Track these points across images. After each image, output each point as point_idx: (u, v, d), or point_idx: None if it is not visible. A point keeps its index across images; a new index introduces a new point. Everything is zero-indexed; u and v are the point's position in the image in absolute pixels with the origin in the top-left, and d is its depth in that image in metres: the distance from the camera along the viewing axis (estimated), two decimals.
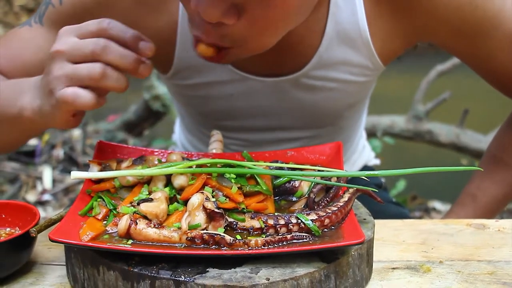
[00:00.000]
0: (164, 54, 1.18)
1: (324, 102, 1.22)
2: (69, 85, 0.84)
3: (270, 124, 1.29)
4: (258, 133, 1.31)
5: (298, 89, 1.19)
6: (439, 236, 1.00)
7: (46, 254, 0.95)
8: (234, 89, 1.21)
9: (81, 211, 0.86)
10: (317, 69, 1.16)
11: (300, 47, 1.14)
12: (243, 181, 0.88)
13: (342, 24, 1.13)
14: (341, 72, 1.18)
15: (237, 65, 1.17)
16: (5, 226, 0.94)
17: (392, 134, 3.60)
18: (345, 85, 1.20)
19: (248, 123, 1.29)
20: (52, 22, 1.14)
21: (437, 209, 3.53)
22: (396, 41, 1.16)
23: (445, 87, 3.71)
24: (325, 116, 1.27)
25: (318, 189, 0.90)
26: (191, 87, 1.24)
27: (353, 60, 1.17)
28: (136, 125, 4.09)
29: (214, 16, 0.84)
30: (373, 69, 1.19)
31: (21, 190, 3.45)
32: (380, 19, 1.13)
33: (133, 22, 1.12)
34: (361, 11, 1.12)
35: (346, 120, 1.33)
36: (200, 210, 0.80)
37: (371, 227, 0.86)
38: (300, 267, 0.75)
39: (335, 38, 1.14)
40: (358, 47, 1.15)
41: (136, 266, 0.75)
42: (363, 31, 1.13)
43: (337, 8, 1.11)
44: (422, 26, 1.12)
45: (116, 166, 0.95)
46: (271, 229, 0.80)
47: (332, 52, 1.15)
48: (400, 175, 0.83)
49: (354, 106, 1.30)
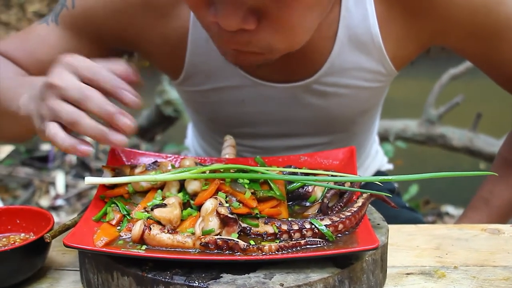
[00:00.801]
0: (174, 59, 1.19)
1: (336, 109, 1.22)
2: (53, 120, 0.84)
3: (282, 131, 1.28)
4: (270, 140, 1.31)
5: (310, 95, 1.19)
6: (453, 241, 0.99)
7: (60, 259, 0.95)
8: (246, 95, 1.20)
9: (95, 217, 0.86)
10: (329, 75, 1.16)
11: (312, 53, 1.13)
12: (257, 186, 0.88)
13: (354, 28, 1.12)
14: (353, 78, 1.17)
15: (249, 71, 1.17)
16: (20, 232, 0.95)
17: (404, 138, 3.59)
18: (358, 91, 1.19)
19: (259, 130, 1.29)
20: (66, 23, 1.17)
21: (450, 213, 3.51)
22: (408, 45, 1.15)
23: (458, 90, 3.70)
24: (337, 122, 1.26)
25: (332, 194, 0.90)
26: (202, 93, 1.24)
27: (366, 66, 1.16)
28: (148, 130, 4.10)
29: (234, 24, 0.83)
30: (386, 74, 1.19)
31: (34, 195, 3.47)
32: (392, 23, 1.12)
33: (142, 28, 1.14)
34: (373, 15, 1.11)
35: (359, 126, 1.33)
36: (213, 215, 0.80)
37: (385, 232, 0.86)
38: (314, 272, 0.75)
39: (346, 44, 1.13)
40: (370, 52, 1.14)
41: (150, 271, 0.75)
42: (375, 36, 1.12)
43: (348, 12, 1.11)
44: (435, 30, 1.11)
45: (130, 172, 0.96)
46: (285, 235, 0.80)
47: (344, 57, 1.14)
48: (412, 180, 0.83)
49: (367, 112, 1.29)
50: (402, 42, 1.14)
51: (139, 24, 1.15)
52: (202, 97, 1.25)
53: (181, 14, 1.14)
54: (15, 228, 0.95)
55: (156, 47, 1.18)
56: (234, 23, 0.83)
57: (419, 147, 3.73)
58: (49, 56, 1.16)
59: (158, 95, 3.93)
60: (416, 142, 3.60)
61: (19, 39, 1.22)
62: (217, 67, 1.17)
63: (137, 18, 1.14)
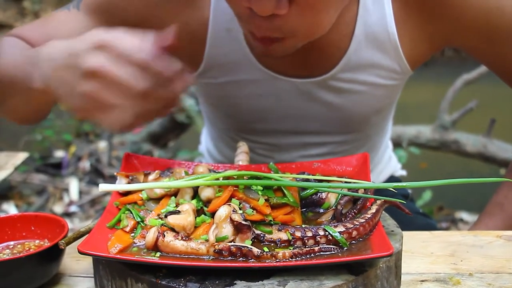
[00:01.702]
0: (194, 51, 1.20)
1: (351, 106, 1.23)
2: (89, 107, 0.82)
3: (297, 127, 1.29)
4: (285, 137, 1.31)
5: (326, 91, 1.20)
6: (468, 248, 0.98)
7: (75, 266, 0.96)
8: (263, 89, 1.22)
9: (109, 224, 0.86)
10: (346, 72, 1.17)
11: (329, 49, 1.15)
12: (270, 193, 0.88)
13: (371, 26, 1.14)
14: (369, 74, 1.18)
15: (267, 64, 1.18)
16: (34, 238, 0.95)
17: (417, 144, 3.57)
18: (373, 89, 1.20)
19: (275, 126, 1.30)
20: (88, 9, 1.19)
21: (464, 220, 3.49)
22: (423, 44, 1.16)
23: (472, 96, 3.67)
24: (352, 120, 1.27)
25: (346, 200, 0.90)
26: (219, 86, 1.25)
27: (381, 63, 1.17)
28: (161, 137, 4.11)
29: (268, 8, 0.88)
30: (400, 72, 1.20)
31: (48, 202, 3.49)
32: (409, 22, 1.13)
33: (164, 18, 1.16)
34: (390, 14, 1.13)
35: (373, 127, 1.33)
36: (227, 222, 0.80)
37: (399, 239, 0.86)
38: (328, 279, 0.75)
39: (363, 41, 1.15)
40: (386, 50, 1.16)
41: (164, 278, 0.75)
42: (392, 34, 1.14)
43: (366, 11, 1.13)
44: (449, 30, 1.12)
45: (144, 179, 0.96)
46: (299, 241, 0.80)
47: (361, 54, 1.16)
48: (427, 186, 0.82)
49: (381, 112, 1.30)
50: (417, 42, 1.16)
51: (162, 13, 1.16)
52: (219, 91, 1.26)
53: (202, 5, 1.16)
54: (30, 234, 0.96)
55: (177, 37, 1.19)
56: (268, 8, 0.88)
57: (433, 153, 3.71)
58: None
59: None
60: (430, 148, 3.58)
61: (37, 23, 1.22)
62: (236, 59, 1.18)
63: (159, 7, 1.16)
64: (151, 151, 3.84)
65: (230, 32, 1.16)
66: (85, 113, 0.83)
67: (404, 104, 1.41)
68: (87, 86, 0.80)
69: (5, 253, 0.92)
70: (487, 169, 3.75)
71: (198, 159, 1.62)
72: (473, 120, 3.66)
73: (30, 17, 7.88)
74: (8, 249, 0.93)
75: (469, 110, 3.49)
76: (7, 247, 0.94)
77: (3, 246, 0.94)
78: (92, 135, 4.43)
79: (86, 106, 0.82)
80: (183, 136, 4.23)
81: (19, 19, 7.85)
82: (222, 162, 1.40)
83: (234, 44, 1.17)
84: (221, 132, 1.43)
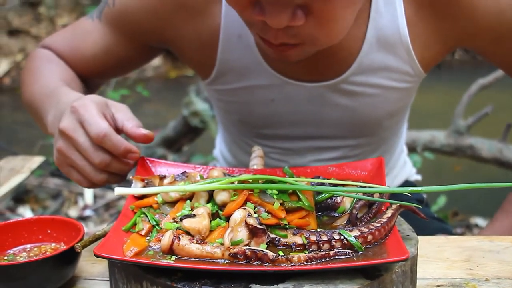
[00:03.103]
0: (207, 57, 1.21)
1: (364, 109, 1.22)
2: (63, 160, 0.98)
3: (310, 132, 1.29)
4: (299, 141, 1.31)
5: (338, 95, 1.20)
6: (484, 253, 0.98)
7: (90, 269, 0.96)
8: (275, 94, 1.22)
9: (125, 227, 0.87)
10: (358, 75, 1.17)
11: (340, 53, 1.15)
12: (285, 197, 0.88)
13: (383, 29, 1.14)
14: (381, 78, 1.18)
15: (278, 69, 1.19)
16: (51, 241, 0.96)
17: (432, 149, 3.55)
18: (385, 92, 1.20)
19: (288, 131, 1.30)
20: (107, 20, 1.25)
21: (479, 225, 3.46)
22: (436, 46, 1.16)
23: (487, 101, 3.65)
24: (365, 124, 1.27)
25: (361, 205, 0.89)
26: (232, 91, 1.25)
27: (394, 66, 1.17)
28: (175, 141, 4.12)
29: (281, 23, 0.88)
30: (413, 75, 1.19)
31: (63, 206, 3.51)
32: (421, 24, 1.13)
33: (176, 27, 1.19)
34: (402, 16, 1.13)
35: (386, 131, 1.32)
36: (242, 226, 0.80)
37: (415, 243, 0.85)
38: (343, 283, 0.75)
39: (375, 44, 1.15)
40: (398, 53, 1.15)
41: (179, 281, 0.75)
42: (403, 36, 1.14)
43: (378, 13, 1.13)
44: (462, 31, 1.13)
45: (159, 182, 0.96)
46: (314, 245, 0.80)
47: (373, 57, 1.16)
48: (442, 191, 0.82)
49: (394, 116, 1.29)
50: (429, 43, 1.16)
51: (173, 22, 1.19)
52: (232, 96, 1.27)
53: (213, 12, 1.17)
54: (46, 238, 0.96)
55: (189, 45, 1.22)
56: (283, 21, 0.88)
57: (447, 158, 3.69)
58: (92, 51, 1.26)
59: (185, 106, 3.96)
60: (444, 153, 3.56)
61: (66, 33, 1.32)
62: (248, 64, 1.19)
63: (171, 17, 1.18)
64: (165, 156, 3.85)
65: (241, 38, 1.17)
66: (58, 165, 0.99)
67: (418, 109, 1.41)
68: (59, 142, 0.97)
69: (21, 256, 0.93)
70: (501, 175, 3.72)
71: (212, 163, 1.62)
72: (488, 125, 3.64)
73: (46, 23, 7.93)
74: (25, 252, 0.94)
75: (484, 115, 3.47)
76: (23, 250, 0.94)
77: (20, 249, 0.95)
78: None
79: (58, 160, 0.99)
80: (197, 141, 4.24)
81: (35, 25, 7.91)
82: (237, 167, 1.40)
83: (246, 50, 1.17)
84: (234, 137, 1.43)
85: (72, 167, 0.98)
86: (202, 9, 1.17)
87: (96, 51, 1.27)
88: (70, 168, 0.98)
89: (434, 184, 0.83)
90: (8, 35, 7.83)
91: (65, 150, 0.96)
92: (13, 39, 7.84)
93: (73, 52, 1.28)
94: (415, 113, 1.53)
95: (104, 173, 0.97)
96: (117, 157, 0.96)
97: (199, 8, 1.17)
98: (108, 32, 1.25)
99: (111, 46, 1.26)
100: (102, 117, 0.94)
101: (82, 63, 1.28)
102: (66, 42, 1.30)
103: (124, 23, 1.23)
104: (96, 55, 1.27)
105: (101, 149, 0.94)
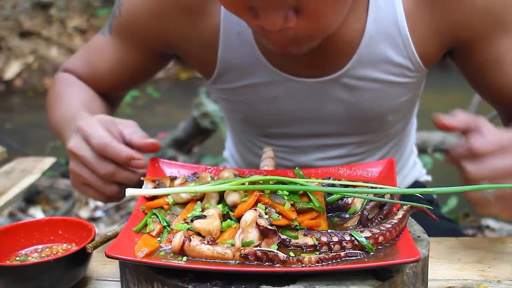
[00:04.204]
0: (208, 56, 1.23)
1: (366, 104, 1.23)
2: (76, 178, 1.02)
3: (314, 129, 1.29)
4: (303, 139, 1.31)
5: (340, 89, 1.20)
6: (496, 255, 0.97)
7: (101, 270, 0.97)
8: (277, 91, 1.23)
9: (136, 228, 0.87)
10: (358, 68, 1.18)
11: (341, 46, 1.16)
12: (296, 198, 0.88)
13: (382, 21, 1.14)
14: (381, 71, 1.18)
15: (279, 66, 1.19)
16: (62, 242, 0.97)
17: (443, 150, 3.53)
18: (386, 86, 1.20)
19: (292, 129, 1.30)
20: (116, 32, 1.27)
21: (491, 227, 3.44)
22: (435, 40, 1.17)
23: None
24: (368, 119, 1.27)
25: (372, 206, 0.89)
26: (234, 90, 1.26)
27: (393, 59, 1.17)
28: (186, 142, 4.13)
29: (276, 25, 0.92)
30: (414, 70, 1.20)
31: (74, 207, 3.52)
32: (419, 16, 1.14)
33: (177, 29, 1.21)
34: (400, 8, 1.13)
35: (391, 128, 1.31)
36: (253, 227, 0.80)
37: (426, 244, 0.85)
38: (354, 284, 0.74)
39: (375, 36, 1.15)
40: (397, 45, 1.16)
41: (190, 282, 0.76)
42: (402, 28, 1.14)
43: (377, 6, 1.14)
44: (458, 23, 1.13)
45: (170, 183, 0.96)
46: (325, 246, 0.80)
47: (372, 50, 1.16)
48: (453, 192, 0.82)
49: (398, 111, 1.28)
50: (429, 36, 1.16)
51: (175, 26, 1.21)
52: (235, 95, 1.28)
53: (212, 11, 1.19)
54: (57, 238, 0.97)
55: (191, 46, 1.23)
56: (278, 24, 0.91)
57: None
58: (108, 66, 1.29)
59: (196, 107, 3.97)
60: None
61: (82, 54, 1.35)
62: (248, 62, 1.20)
63: (172, 21, 1.20)
64: (175, 157, 3.86)
65: (241, 35, 1.18)
66: (74, 186, 1.04)
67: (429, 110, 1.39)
68: (71, 163, 1.01)
69: (33, 256, 0.93)
70: None
71: (222, 164, 1.63)
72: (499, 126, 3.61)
73: (57, 25, 7.98)
74: (37, 252, 0.94)
75: (495, 116, 3.45)
76: (35, 250, 0.95)
77: (32, 249, 0.95)
78: None
79: (72, 181, 1.03)
80: (207, 142, 4.25)
81: (46, 27, 7.96)
82: (246, 167, 1.40)
83: (246, 47, 1.19)
84: (240, 137, 1.44)
85: (85, 185, 1.01)
86: (202, 9, 1.19)
87: (111, 65, 1.30)
88: (83, 185, 1.01)
89: (444, 185, 0.83)
90: (20, 37, 7.89)
91: (75, 169, 1.00)
92: (24, 41, 7.90)
93: (91, 71, 1.32)
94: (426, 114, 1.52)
95: (114, 184, 0.99)
96: (122, 166, 0.98)
97: (198, 9, 1.19)
98: (118, 43, 1.28)
99: (123, 57, 1.28)
100: (104, 130, 0.98)
101: (100, 80, 1.31)
102: (83, 62, 1.33)
103: (130, 31, 1.25)
104: (112, 69, 1.30)
105: (105, 160, 0.97)
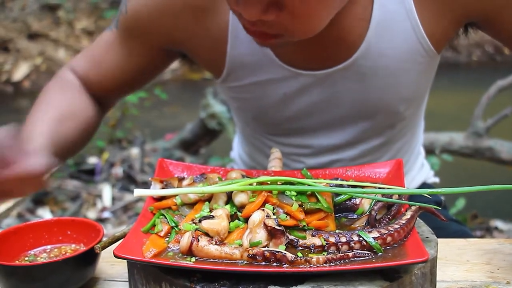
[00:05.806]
0: (217, 54, 1.22)
1: (376, 93, 1.21)
2: None
3: (325, 123, 1.28)
4: (315, 136, 1.30)
5: (349, 79, 1.18)
6: (505, 256, 0.97)
7: (109, 270, 0.97)
8: (287, 87, 1.22)
9: (144, 228, 0.87)
10: (367, 57, 1.16)
11: (348, 37, 1.14)
12: (304, 198, 0.88)
13: (388, 6, 1.12)
14: (391, 59, 1.16)
15: (288, 62, 1.18)
16: (71, 243, 0.97)
17: (450, 151, 3.52)
18: (396, 73, 1.18)
19: (303, 124, 1.29)
20: (123, 28, 1.26)
21: (499, 228, 3.43)
22: (444, 20, 1.14)
23: (506, 102, 3.62)
24: (379, 109, 1.24)
25: (380, 206, 0.89)
26: (244, 88, 1.26)
27: (403, 46, 1.15)
28: (193, 143, 4.14)
29: (253, 15, 0.91)
30: (425, 55, 1.17)
31: (82, 208, 3.53)
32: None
33: (185, 27, 1.20)
34: None
35: (402, 121, 1.30)
36: (261, 227, 0.80)
37: (434, 245, 0.85)
38: (362, 285, 0.74)
39: (382, 24, 1.13)
40: (406, 29, 1.13)
41: (198, 283, 0.76)
42: (410, 11, 1.12)
43: None
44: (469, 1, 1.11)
45: (178, 184, 0.97)
46: (333, 247, 0.80)
47: (381, 38, 1.14)
48: (461, 193, 0.81)
49: (409, 102, 1.26)
50: (437, 18, 1.13)
51: (182, 23, 1.20)
52: (245, 93, 1.27)
53: (221, 9, 1.18)
54: (66, 239, 0.97)
55: (200, 45, 1.23)
56: (254, 15, 0.90)
57: (466, 160, 3.66)
58: (114, 63, 1.27)
59: (203, 108, 3.97)
60: (463, 155, 3.53)
61: (87, 52, 1.33)
62: (257, 59, 1.20)
63: (179, 18, 1.19)
64: (182, 158, 3.86)
65: None
66: None
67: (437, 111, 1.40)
68: None
69: (42, 256, 0.94)
70: None
71: (229, 165, 1.63)
72: (508, 127, 3.60)
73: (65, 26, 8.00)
74: (45, 253, 0.95)
75: (503, 117, 3.44)
76: (44, 251, 0.95)
77: (40, 250, 0.95)
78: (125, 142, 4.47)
79: None
80: (214, 143, 4.25)
81: (54, 29, 7.98)
82: (254, 168, 1.40)
83: (254, 44, 1.17)
84: (250, 137, 1.43)
85: None
86: (210, 7, 1.18)
87: (117, 60, 1.28)
88: None
89: (452, 186, 0.83)
90: (28, 39, 7.91)
91: None
92: (32, 42, 7.92)
93: (95, 66, 1.29)
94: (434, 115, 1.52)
95: None
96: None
97: (206, 7, 1.18)
98: (124, 39, 1.26)
99: (128, 52, 1.27)
100: None
101: (103, 76, 1.29)
102: (88, 59, 1.31)
103: (136, 27, 1.24)
104: (117, 64, 1.28)
105: None
